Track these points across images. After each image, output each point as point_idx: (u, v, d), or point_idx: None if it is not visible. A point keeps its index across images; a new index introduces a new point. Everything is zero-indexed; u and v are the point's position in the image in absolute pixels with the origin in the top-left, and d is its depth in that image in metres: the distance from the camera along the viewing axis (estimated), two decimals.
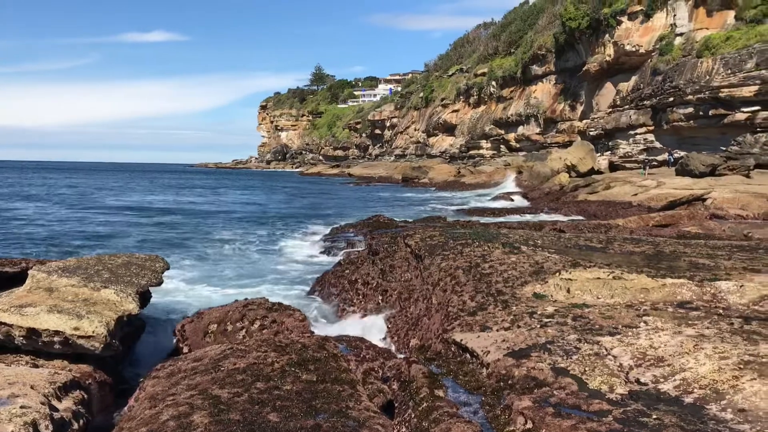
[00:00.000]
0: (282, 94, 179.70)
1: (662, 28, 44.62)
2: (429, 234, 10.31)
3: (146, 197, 46.55)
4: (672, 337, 4.98)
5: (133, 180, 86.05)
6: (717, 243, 10.26)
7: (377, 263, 10.28)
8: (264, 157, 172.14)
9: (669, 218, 19.03)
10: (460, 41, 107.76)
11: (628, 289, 6.42)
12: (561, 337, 5.28)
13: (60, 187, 61.24)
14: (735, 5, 39.94)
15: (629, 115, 45.15)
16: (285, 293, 12.42)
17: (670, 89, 39.70)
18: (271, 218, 29.52)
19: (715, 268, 7.29)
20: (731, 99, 35.28)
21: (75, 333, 5.79)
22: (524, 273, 7.35)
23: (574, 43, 55.46)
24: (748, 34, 36.22)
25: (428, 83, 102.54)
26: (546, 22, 68.66)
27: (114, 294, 6.52)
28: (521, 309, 6.20)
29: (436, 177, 68.54)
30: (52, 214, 29.87)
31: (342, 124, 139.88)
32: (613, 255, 8.57)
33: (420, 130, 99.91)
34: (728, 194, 25.02)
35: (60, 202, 39.28)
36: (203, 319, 7.89)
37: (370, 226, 20.31)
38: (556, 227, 16.84)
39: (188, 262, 16.36)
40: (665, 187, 29.22)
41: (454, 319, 6.52)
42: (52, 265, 7.67)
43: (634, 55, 46.33)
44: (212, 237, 21.74)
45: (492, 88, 76.65)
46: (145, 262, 8.25)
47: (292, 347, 5.78)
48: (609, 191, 32.43)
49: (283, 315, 7.78)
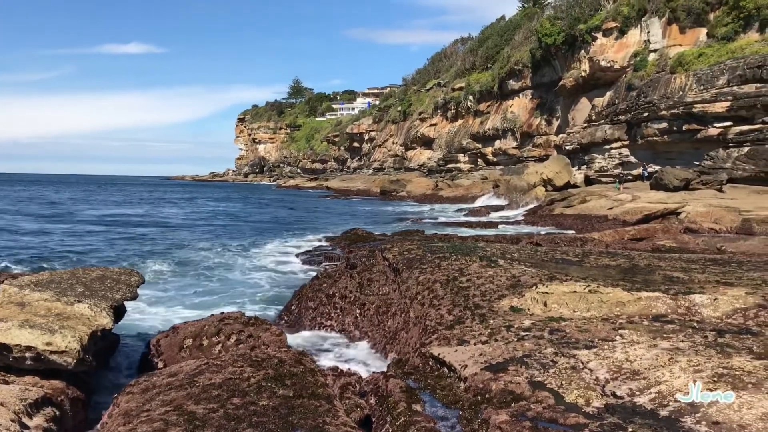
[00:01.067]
0: (260, 107, 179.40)
1: (636, 44, 45.35)
2: (407, 247, 10.31)
3: (121, 210, 46.06)
4: (647, 350, 5.03)
5: (107, 192, 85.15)
6: (691, 257, 10.39)
7: (355, 277, 10.25)
8: (241, 170, 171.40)
9: (644, 232, 19.24)
10: (437, 56, 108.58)
11: (604, 303, 6.46)
12: (538, 350, 5.30)
13: (32, 199, 60.39)
14: (707, 23, 40.74)
15: (604, 130, 45.69)
16: (261, 307, 12.34)
17: (645, 104, 40.28)
18: (247, 231, 29.35)
19: (690, 281, 7.38)
20: (704, 114, 35.88)
21: (47, 348, 5.68)
22: (501, 286, 7.38)
23: (550, 58, 56.12)
24: (720, 51, 36.93)
25: (406, 97, 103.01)
26: (522, 37, 69.48)
27: (88, 308, 6.42)
28: (498, 322, 6.22)
29: (414, 190, 68.71)
30: (24, 228, 29.42)
31: (320, 137, 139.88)
32: (589, 268, 8.64)
33: (398, 144, 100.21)
34: (702, 208, 25.37)
35: (31, 214, 38.71)
36: (179, 333, 7.80)
37: (348, 239, 20.32)
38: (532, 241, 16.96)
39: (164, 275, 16.20)
40: (640, 201, 29.56)
41: (431, 332, 6.52)
42: (24, 279, 7.54)
43: (609, 71, 46.98)
44: (187, 250, 21.56)
45: (469, 103, 77.24)
46: (119, 276, 8.14)
47: (268, 362, 5.74)
48: (585, 205, 32.74)
49: (259, 329, 7.71)
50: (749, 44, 36.00)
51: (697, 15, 41.03)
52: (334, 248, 19.43)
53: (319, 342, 9.11)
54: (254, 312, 10.89)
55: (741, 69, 34.07)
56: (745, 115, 34.04)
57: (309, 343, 8.92)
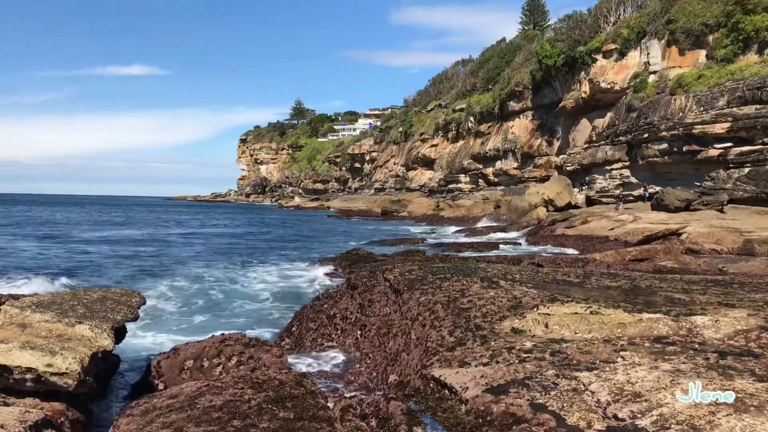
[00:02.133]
0: (262, 128, 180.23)
1: (636, 66, 45.59)
2: (408, 268, 10.32)
3: (123, 230, 46.09)
4: (649, 372, 5.01)
5: (109, 213, 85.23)
6: (692, 278, 10.38)
7: (356, 297, 10.24)
8: (243, 190, 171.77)
9: (645, 252, 19.23)
10: (438, 77, 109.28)
11: (605, 324, 6.45)
12: (539, 372, 5.29)
13: (34, 220, 60.45)
14: (706, 45, 40.99)
15: (605, 151, 45.80)
16: (262, 327, 12.31)
17: (645, 125, 40.41)
18: (248, 251, 29.35)
19: (691, 303, 7.37)
20: (704, 135, 35.97)
21: (48, 370, 5.68)
22: (502, 308, 7.37)
23: (551, 80, 56.41)
24: (719, 73, 37.11)
25: (407, 118, 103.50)
26: (523, 59, 69.92)
27: (88, 330, 6.42)
28: (500, 344, 6.21)
29: (416, 210, 68.75)
30: (26, 248, 29.44)
31: (322, 158, 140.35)
32: (591, 290, 8.63)
33: (399, 164, 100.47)
34: (703, 229, 25.35)
35: (33, 235, 38.74)
36: (179, 354, 7.78)
37: (349, 259, 20.32)
38: (534, 261, 16.95)
39: (165, 296, 16.18)
40: (641, 222, 29.56)
41: (432, 354, 6.50)
42: (26, 300, 7.55)
43: (609, 92, 47.19)
44: (189, 270, 21.55)
45: (470, 124, 77.54)
46: (120, 297, 8.15)
47: (269, 384, 5.72)
48: (586, 225, 32.74)
49: (260, 351, 7.70)
50: (748, 66, 36.19)
51: (697, 37, 41.31)
52: (335, 268, 19.43)
53: (320, 363, 9.08)
54: (255, 332, 10.87)
55: (740, 90, 34.21)
56: (745, 136, 34.12)
57: (310, 365, 8.89)
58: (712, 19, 40.50)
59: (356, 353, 9.16)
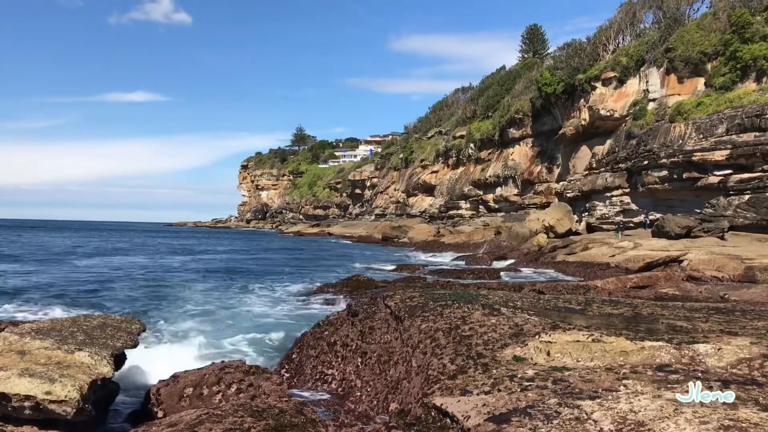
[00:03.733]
0: (263, 154, 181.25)
1: (635, 93, 45.96)
2: (409, 295, 10.28)
3: (125, 256, 46.06)
4: (652, 400, 4.97)
5: (110, 238, 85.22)
6: (694, 305, 10.34)
7: (356, 324, 10.19)
8: (244, 216, 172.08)
9: (646, 279, 19.21)
10: (438, 104, 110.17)
11: (607, 352, 6.42)
12: (541, 401, 5.25)
13: (34, 245, 60.44)
14: (705, 72, 41.37)
15: (605, 178, 45.96)
16: (262, 354, 12.25)
17: (645, 153, 40.61)
18: (249, 278, 29.29)
19: (693, 330, 7.33)
20: (704, 162, 36.13)
21: (46, 397, 5.64)
22: (504, 335, 7.33)
23: (550, 107, 56.85)
24: (718, 101, 37.39)
25: (408, 144, 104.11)
26: (522, 87, 70.56)
27: (88, 357, 6.39)
28: (501, 372, 6.17)
29: (416, 237, 68.78)
30: (30, 272, 29.39)
31: (323, 184, 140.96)
32: (592, 317, 8.60)
33: (400, 190, 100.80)
34: (704, 256, 25.33)
35: (33, 260, 38.71)
36: (179, 382, 7.73)
37: (349, 286, 20.27)
38: (535, 288, 16.91)
39: (165, 322, 16.11)
40: (642, 249, 29.55)
41: (434, 382, 6.46)
42: (25, 326, 7.52)
43: (609, 120, 47.50)
44: (190, 296, 21.49)
45: (470, 150, 77.98)
46: (120, 324, 8.12)
47: (269, 412, 5.68)
48: (587, 252, 32.72)
49: (260, 378, 7.65)
50: (747, 93, 36.47)
51: (695, 65, 41.69)
52: (335, 295, 19.38)
53: (320, 391, 9.02)
54: (255, 360, 10.81)
55: (739, 118, 34.43)
56: (745, 163, 34.27)
57: (310, 393, 8.82)
58: (711, 48, 40.93)
59: (357, 381, 9.10)
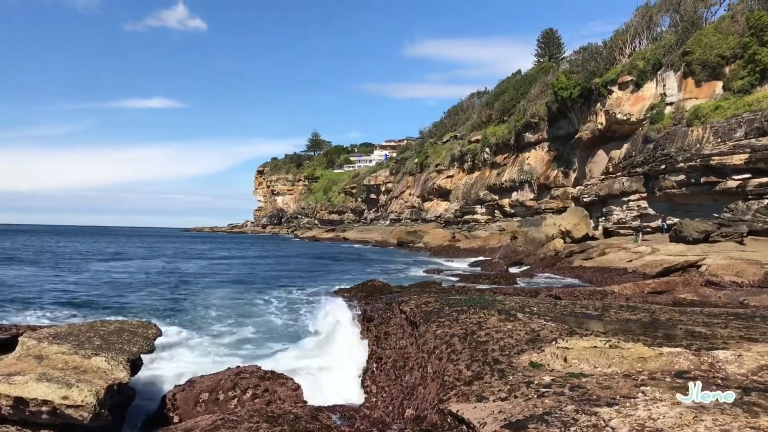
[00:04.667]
0: (279, 160, 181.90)
1: (652, 97, 45.61)
2: (424, 300, 10.26)
3: (142, 261, 46.37)
4: (671, 408, 4.91)
5: (127, 243, 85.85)
6: (713, 311, 10.22)
7: (372, 330, 10.18)
8: (260, 221, 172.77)
9: (664, 285, 19.02)
10: (454, 109, 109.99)
11: (625, 359, 6.35)
12: (558, 407, 5.20)
13: (52, 250, 61.00)
14: (723, 76, 40.97)
15: (622, 182, 45.63)
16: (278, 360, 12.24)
17: (662, 157, 40.28)
18: (266, 281, 29.36)
19: (712, 336, 7.25)
20: (722, 167, 35.77)
21: (64, 402, 5.67)
22: (521, 341, 7.29)
23: (567, 111, 56.56)
24: (737, 104, 37.00)
25: (423, 149, 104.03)
26: (538, 91, 70.26)
27: (104, 362, 6.41)
28: (518, 378, 6.12)
29: (431, 241, 68.62)
30: (48, 277, 29.66)
31: (338, 189, 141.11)
32: (610, 323, 8.52)
33: (415, 195, 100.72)
34: (723, 261, 25.06)
35: (51, 264, 39.06)
36: (195, 387, 7.75)
37: (364, 290, 20.21)
38: (552, 294, 16.80)
39: (181, 327, 16.17)
40: (660, 254, 29.28)
41: (450, 388, 6.43)
42: (43, 331, 7.57)
43: (626, 124, 47.16)
44: (205, 301, 21.57)
45: (486, 155, 77.74)
46: (137, 329, 8.16)
47: (284, 418, 5.67)
48: (604, 257, 32.49)
49: (275, 384, 7.65)
50: (766, 97, 36.04)
51: (713, 69, 41.31)
52: (351, 300, 19.36)
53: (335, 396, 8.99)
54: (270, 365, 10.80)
55: (758, 121, 34.06)
56: (764, 167, 33.88)
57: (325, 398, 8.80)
58: (729, 51, 40.54)
59: (372, 386, 9.08)
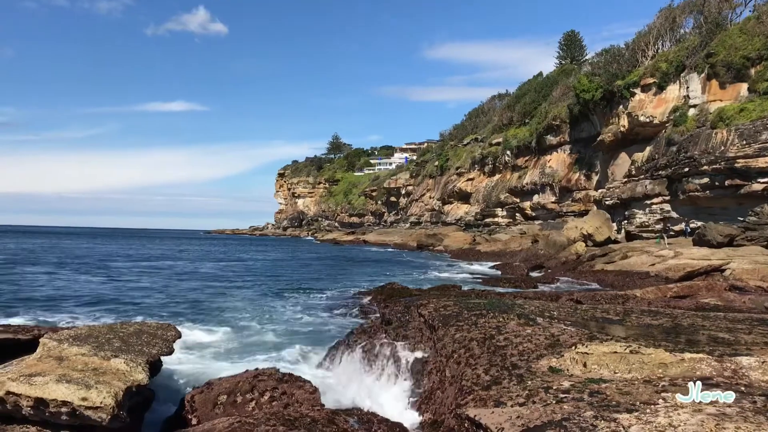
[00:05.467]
0: (300, 162, 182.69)
1: (676, 99, 45.14)
2: (443, 303, 10.22)
3: (164, 263, 46.77)
4: (692, 415, 4.83)
5: (149, 245, 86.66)
6: (737, 316, 10.06)
7: (390, 333, 10.16)
8: (281, 224, 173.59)
9: (687, 289, 18.77)
10: (474, 111, 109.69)
11: (645, 364, 6.26)
12: (577, 413, 5.13)
13: (74, 251, 61.74)
14: (748, 78, 40.43)
15: (645, 185, 45.19)
16: (296, 362, 12.27)
17: (685, 160, 39.82)
18: (287, 283, 29.46)
19: (735, 342, 7.13)
20: (747, 169, 35.29)
21: (83, 404, 5.71)
22: (540, 346, 7.22)
23: (588, 114, 56.15)
24: (762, 106, 36.50)
25: (443, 152, 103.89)
26: (560, 93, 69.87)
27: (123, 363, 6.46)
28: (536, 384, 6.06)
29: (452, 244, 68.46)
30: (69, 279, 30.01)
31: (358, 192, 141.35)
32: (631, 327, 8.43)
33: (435, 198, 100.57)
34: (747, 265, 24.69)
35: (73, 266, 39.51)
36: (213, 389, 7.78)
37: (383, 293, 20.23)
38: (572, 298, 16.66)
39: (201, 329, 16.27)
40: (683, 258, 28.93)
41: (467, 393, 6.38)
42: (63, 333, 7.65)
43: (649, 126, 46.72)
44: (225, 303, 21.69)
45: (507, 157, 77.41)
46: (156, 331, 8.21)
47: (301, 421, 5.67)
48: (626, 261, 32.17)
49: (293, 386, 7.65)
50: None
51: (738, 70, 40.79)
52: (370, 303, 19.36)
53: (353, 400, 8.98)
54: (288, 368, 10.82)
55: None
56: None
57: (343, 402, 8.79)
58: (754, 53, 40.01)
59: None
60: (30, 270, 35.58)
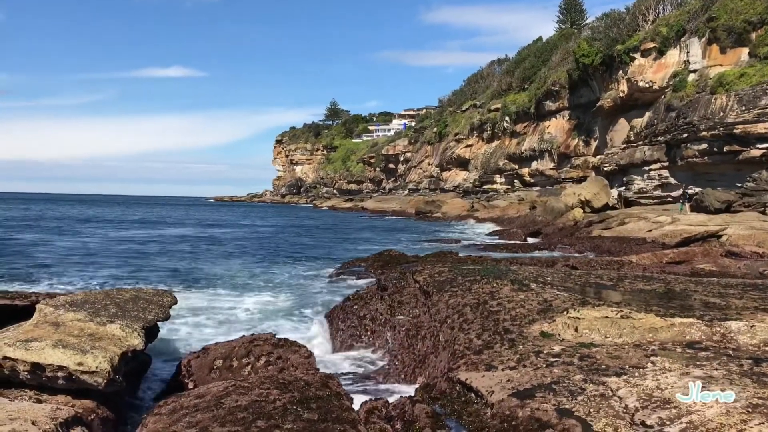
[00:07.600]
0: (297, 129, 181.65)
1: (676, 64, 44.78)
2: (438, 270, 10.27)
3: (162, 230, 46.83)
4: (679, 378, 4.90)
5: (150, 212, 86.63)
6: (730, 281, 10.13)
7: (386, 299, 10.24)
8: (279, 191, 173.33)
9: (683, 255, 18.85)
10: (473, 77, 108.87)
11: (636, 329, 6.33)
12: (567, 377, 5.21)
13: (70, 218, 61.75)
14: (749, 42, 40.05)
15: (643, 151, 45.08)
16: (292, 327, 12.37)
17: (684, 125, 39.66)
18: (285, 250, 29.56)
19: (726, 307, 7.19)
20: (746, 135, 35.18)
21: (78, 368, 5.78)
22: (532, 311, 7.28)
23: (588, 79, 55.74)
24: (763, 71, 36.24)
25: (442, 118, 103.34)
26: (559, 58, 69.26)
27: (119, 329, 6.52)
28: (528, 348, 6.13)
29: (450, 211, 68.51)
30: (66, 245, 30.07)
31: (356, 159, 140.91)
32: (624, 293, 8.49)
33: (433, 165, 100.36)
34: (744, 231, 24.78)
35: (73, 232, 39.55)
36: (209, 354, 7.86)
37: (381, 260, 20.27)
38: (568, 264, 16.73)
39: (198, 295, 16.36)
40: (680, 224, 29.01)
41: (460, 357, 6.46)
42: (60, 299, 7.70)
43: (648, 92, 46.43)
44: (223, 270, 21.78)
45: (505, 124, 77.02)
46: (152, 297, 8.27)
47: (295, 385, 5.74)
48: (623, 227, 32.26)
49: (288, 351, 7.74)
50: None
51: (739, 35, 40.38)
52: (366, 269, 19.44)
53: (348, 364, 9.09)
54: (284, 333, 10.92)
55: None
56: None
57: (338, 365, 8.90)
58: (755, 17, 39.58)
59: (385, 355, 9.16)
60: (25, 236, 35.61)
